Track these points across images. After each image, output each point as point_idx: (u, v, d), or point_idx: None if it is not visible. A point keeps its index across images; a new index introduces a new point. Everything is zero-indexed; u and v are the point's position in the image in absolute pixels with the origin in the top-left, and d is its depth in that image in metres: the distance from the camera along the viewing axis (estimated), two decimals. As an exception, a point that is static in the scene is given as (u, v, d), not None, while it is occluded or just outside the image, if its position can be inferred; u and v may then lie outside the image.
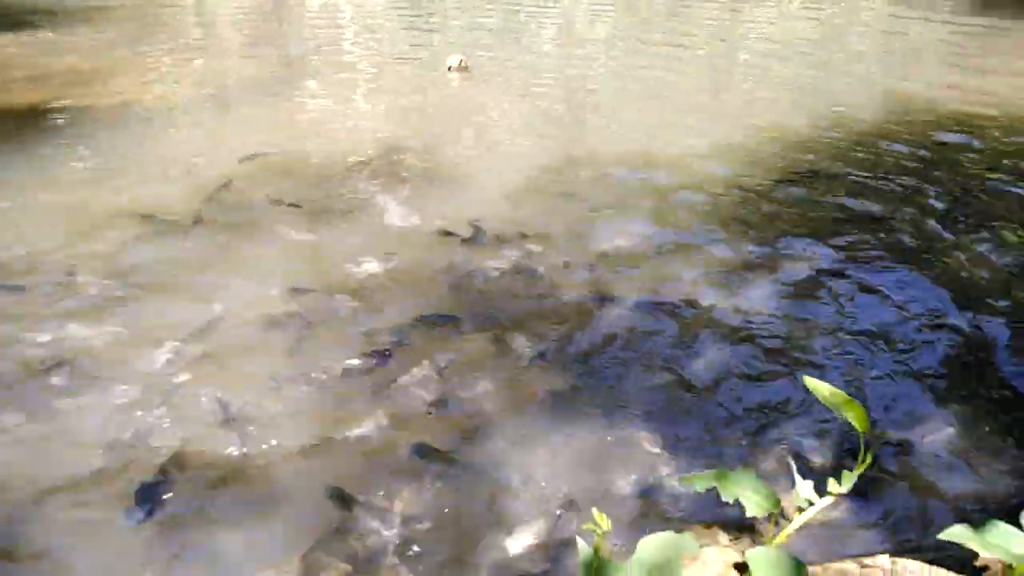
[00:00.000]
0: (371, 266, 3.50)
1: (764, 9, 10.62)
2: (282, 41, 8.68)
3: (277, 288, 3.29)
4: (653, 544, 1.49)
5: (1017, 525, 1.89)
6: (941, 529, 1.83)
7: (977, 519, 1.89)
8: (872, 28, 9.67)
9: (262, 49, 8.31)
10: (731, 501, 1.79)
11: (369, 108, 6.06)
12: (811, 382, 2.05)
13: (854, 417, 2.00)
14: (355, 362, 2.82)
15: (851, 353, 2.89)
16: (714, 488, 1.81)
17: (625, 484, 2.29)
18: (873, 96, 6.51)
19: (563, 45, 8.72)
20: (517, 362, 2.85)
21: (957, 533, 1.80)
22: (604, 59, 8.09)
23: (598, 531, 1.47)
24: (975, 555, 1.94)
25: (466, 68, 6.59)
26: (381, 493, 2.23)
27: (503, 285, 3.38)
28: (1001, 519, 1.91)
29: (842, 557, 1.95)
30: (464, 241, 3.75)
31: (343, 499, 2.22)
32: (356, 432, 2.47)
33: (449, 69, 6.55)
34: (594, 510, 1.50)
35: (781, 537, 1.95)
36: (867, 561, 1.93)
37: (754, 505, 1.79)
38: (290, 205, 4.12)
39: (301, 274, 3.42)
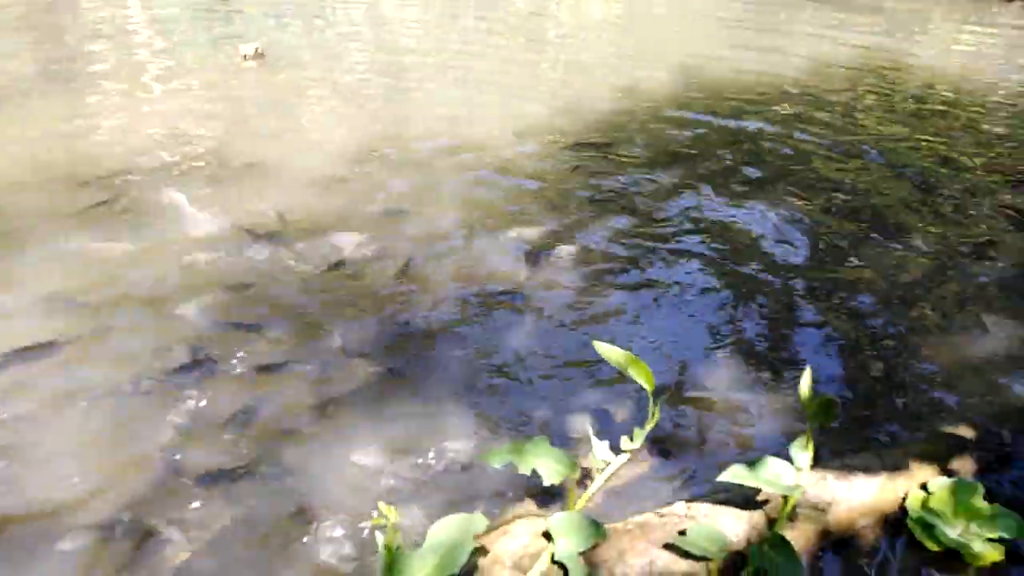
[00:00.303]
0: (164, 272, 3.26)
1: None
2: (59, 31, 7.88)
3: (51, 304, 2.98)
4: (443, 528, 1.48)
5: (789, 459, 2.07)
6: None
7: (754, 458, 2.05)
8: (676, 4, 10.20)
9: (35, 40, 7.50)
10: (528, 472, 1.81)
11: (158, 101, 5.63)
12: (600, 347, 2.12)
13: (641, 376, 2.10)
14: (146, 380, 2.60)
15: (647, 317, 3.04)
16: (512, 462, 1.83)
17: (440, 468, 2.28)
18: (675, 68, 6.87)
19: (371, 28, 8.54)
20: (327, 359, 2.75)
21: (735, 473, 1.94)
22: (414, 42, 8.00)
23: (387, 523, 1.44)
24: (759, 491, 2.10)
25: (262, 55, 6.27)
26: (176, 518, 2.08)
27: (311, 280, 3.25)
28: (776, 455, 2.09)
29: (642, 511, 2.05)
30: (268, 237, 3.57)
31: (133, 529, 2.05)
32: (146, 456, 2.29)
33: (244, 57, 6.21)
34: (380, 503, 1.47)
35: (582, 501, 2.02)
36: (664, 511, 2.04)
37: (552, 473, 1.83)
38: (70, 212, 3.74)
39: (80, 287, 3.11)
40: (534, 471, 1.82)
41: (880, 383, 2.72)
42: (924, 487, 2.19)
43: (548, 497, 2.16)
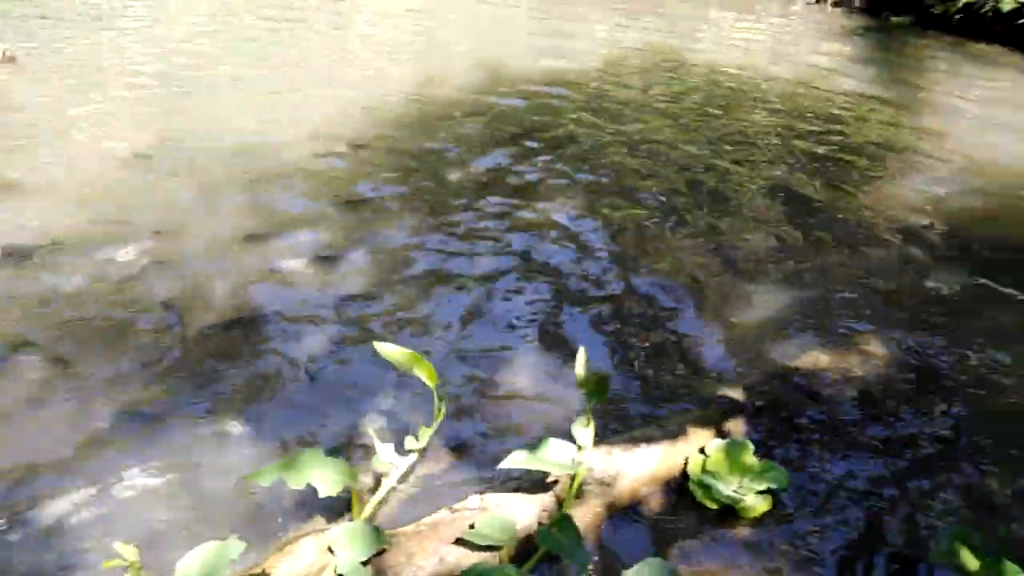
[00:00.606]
0: None
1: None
2: None
3: None
4: (195, 559, 1.37)
5: (571, 439, 2.12)
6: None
7: (534, 441, 2.07)
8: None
9: None
10: (302, 487, 1.73)
11: None
12: (381, 347, 2.07)
13: (424, 374, 2.06)
14: None
15: (439, 314, 3.02)
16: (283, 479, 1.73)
17: (220, 495, 2.12)
18: (478, 57, 6.90)
19: (153, 22, 7.90)
20: (91, 389, 2.48)
21: (515, 459, 1.96)
22: (203, 35, 7.50)
23: (127, 563, 1.31)
24: (548, 474, 2.13)
25: (12, 59, 5.61)
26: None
27: (74, 304, 2.93)
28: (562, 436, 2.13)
29: (437, 509, 2.01)
30: (23, 258, 3.19)
31: None
32: None
33: (-10, 62, 5.52)
34: (116, 543, 1.33)
35: (370, 508, 1.95)
36: (457, 507, 2.02)
37: (328, 484, 1.75)
38: None
39: None
40: (309, 484, 1.73)
41: (661, 356, 2.86)
42: (703, 451, 2.33)
43: (342, 511, 2.08)
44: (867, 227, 3.99)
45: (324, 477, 1.73)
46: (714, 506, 2.18)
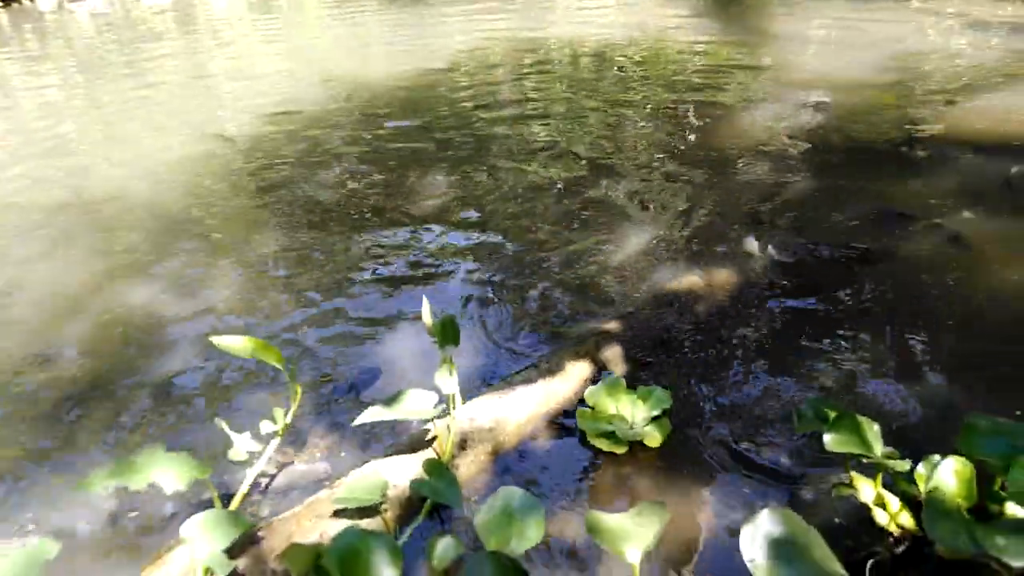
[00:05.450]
0: None
1: None
2: None
3: None
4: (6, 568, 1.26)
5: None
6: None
7: (392, 395, 2.01)
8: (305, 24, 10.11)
9: None
10: (143, 487, 1.62)
11: None
12: (219, 341, 1.97)
13: (272, 358, 1.98)
14: None
15: (278, 307, 2.94)
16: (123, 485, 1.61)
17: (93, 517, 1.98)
18: (339, 71, 6.79)
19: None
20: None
21: (372, 413, 1.91)
22: None
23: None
24: (427, 432, 2.08)
25: None
26: None
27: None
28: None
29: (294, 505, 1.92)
30: None
31: None
32: None
33: None
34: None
35: (236, 500, 1.86)
36: (337, 482, 1.95)
37: (174, 480, 1.65)
38: None
39: None
40: (152, 485, 1.62)
41: (533, 296, 2.86)
42: (583, 402, 2.28)
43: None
44: (734, 153, 4.12)
45: (167, 473, 1.63)
46: (622, 450, 2.07)
